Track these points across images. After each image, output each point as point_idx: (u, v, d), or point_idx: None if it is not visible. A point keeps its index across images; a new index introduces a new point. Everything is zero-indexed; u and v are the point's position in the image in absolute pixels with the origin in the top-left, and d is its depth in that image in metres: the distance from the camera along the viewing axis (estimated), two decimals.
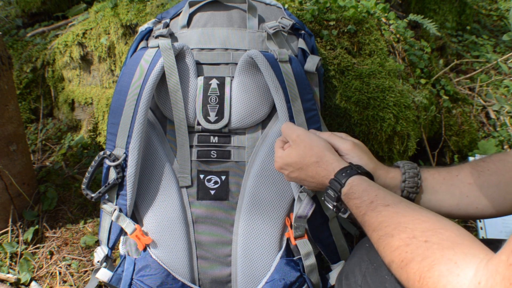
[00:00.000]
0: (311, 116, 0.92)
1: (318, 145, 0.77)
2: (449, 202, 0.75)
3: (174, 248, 0.92)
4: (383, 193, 0.66)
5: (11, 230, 1.28)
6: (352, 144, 0.78)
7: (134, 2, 1.45)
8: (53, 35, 1.81)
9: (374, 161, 0.78)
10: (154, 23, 1.03)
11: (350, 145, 0.78)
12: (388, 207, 0.62)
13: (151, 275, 0.90)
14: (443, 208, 0.75)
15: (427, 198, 0.76)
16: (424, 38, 1.64)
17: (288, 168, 0.81)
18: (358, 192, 0.67)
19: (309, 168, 0.77)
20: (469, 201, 0.74)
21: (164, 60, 0.90)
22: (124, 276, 0.90)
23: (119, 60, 1.47)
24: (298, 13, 1.27)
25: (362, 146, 0.80)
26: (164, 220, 0.92)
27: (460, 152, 1.47)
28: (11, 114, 1.23)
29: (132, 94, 0.90)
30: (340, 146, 0.78)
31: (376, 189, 0.67)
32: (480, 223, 1.23)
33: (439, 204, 0.75)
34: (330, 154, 0.76)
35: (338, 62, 1.20)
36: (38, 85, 1.75)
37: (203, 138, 0.94)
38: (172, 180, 0.94)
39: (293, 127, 0.83)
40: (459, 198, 0.74)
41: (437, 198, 0.75)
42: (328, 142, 0.79)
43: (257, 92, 0.93)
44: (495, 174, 0.73)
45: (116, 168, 0.91)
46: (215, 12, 0.98)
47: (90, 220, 1.36)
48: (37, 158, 1.61)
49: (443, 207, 0.75)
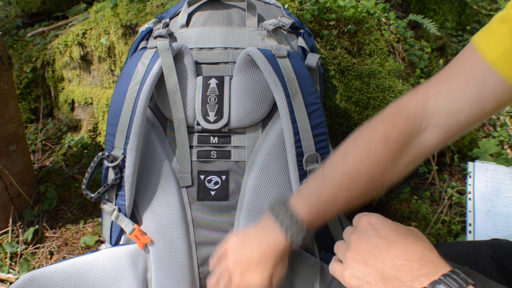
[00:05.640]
0: (314, 110, 0.91)
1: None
2: None
3: (174, 248, 0.92)
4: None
5: (11, 230, 1.28)
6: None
7: (134, 2, 1.45)
8: (53, 35, 1.81)
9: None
10: (154, 23, 1.03)
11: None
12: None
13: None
14: None
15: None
16: (424, 38, 1.64)
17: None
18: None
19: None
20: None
21: (162, 61, 0.90)
22: None
23: (119, 60, 1.47)
24: (298, 13, 1.27)
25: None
26: (164, 220, 0.92)
27: (460, 152, 1.47)
28: (11, 114, 1.23)
29: (130, 95, 0.90)
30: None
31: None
32: (470, 227, 1.22)
33: None
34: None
35: (338, 62, 1.20)
36: (38, 85, 1.75)
37: (203, 138, 0.94)
38: (172, 180, 0.94)
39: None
40: None
41: None
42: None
43: (256, 90, 0.93)
44: None
45: (115, 168, 0.91)
46: (214, 11, 0.98)
47: (90, 220, 1.36)
48: (37, 158, 1.61)
49: None
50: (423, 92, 0.66)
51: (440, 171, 1.44)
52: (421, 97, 0.65)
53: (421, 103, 0.65)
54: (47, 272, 0.89)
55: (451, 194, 1.34)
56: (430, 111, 0.64)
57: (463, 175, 1.42)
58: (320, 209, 0.69)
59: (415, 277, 0.47)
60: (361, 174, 0.66)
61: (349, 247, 0.56)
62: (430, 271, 0.47)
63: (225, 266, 0.73)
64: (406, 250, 0.50)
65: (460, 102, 0.61)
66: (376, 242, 0.52)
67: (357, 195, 0.69)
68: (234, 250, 0.73)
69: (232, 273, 0.72)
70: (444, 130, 0.64)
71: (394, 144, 0.65)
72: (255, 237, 0.73)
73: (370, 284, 0.50)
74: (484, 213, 1.24)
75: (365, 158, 0.66)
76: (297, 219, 0.68)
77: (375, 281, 0.50)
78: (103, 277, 0.90)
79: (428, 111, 0.64)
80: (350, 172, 0.67)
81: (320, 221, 0.71)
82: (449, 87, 0.62)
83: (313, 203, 0.69)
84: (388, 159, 0.65)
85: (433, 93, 0.64)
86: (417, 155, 0.67)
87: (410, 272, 0.47)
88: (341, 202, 0.69)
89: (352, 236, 0.56)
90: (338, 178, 0.68)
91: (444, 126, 0.64)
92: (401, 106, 0.67)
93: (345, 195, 0.68)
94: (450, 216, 1.29)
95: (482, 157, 1.43)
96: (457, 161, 1.44)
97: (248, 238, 0.73)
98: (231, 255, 0.73)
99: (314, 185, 0.71)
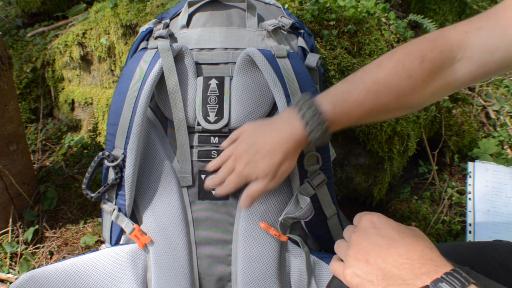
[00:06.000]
0: None
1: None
2: None
3: (174, 248, 0.92)
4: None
5: (11, 230, 1.29)
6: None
7: (134, 2, 1.45)
8: (53, 35, 1.81)
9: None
10: (155, 24, 1.03)
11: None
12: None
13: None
14: None
15: None
16: None
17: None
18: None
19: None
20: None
21: (163, 61, 0.90)
22: None
23: (119, 60, 1.47)
24: (298, 13, 1.27)
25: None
26: (164, 220, 0.92)
27: (460, 152, 1.48)
28: (11, 114, 1.23)
29: (130, 95, 0.90)
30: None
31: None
32: (470, 227, 1.22)
33: None
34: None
35: (338, 62, 1.20)
36: (38, 85, 1.75)
37: (203, 138, 0.94)
38: (172, 180, 0.94)
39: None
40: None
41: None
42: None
43: (256, 91, 0.93)
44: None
45: (115, 168, 0.91)
46: (214, 12, 0.98)
47: (90, 220, 1.36)
48: (37, 158, 1.61)
49: None
50: (466, 25, 0.67)
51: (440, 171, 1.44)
52: (464, 29, 0.66)
53: (461, 35, 0.66)
54: (47, 271, 0.89)
55: (451, 194, 1.34)
56: (468, 43, 0.65)
57: (463, 175, 1.42)
58: (344, 109, 0.69)
59: (416, 275, 0.47)
60: (391, 84, 0.67)
61: (350, 245, 0.55)
62: (431, 269, 0.47)
63: (231, 150, 0.72)
64: (408, 249, 0.50)
65: (498, 40, 0.62)
66: (378, 241, 0.52)
67: (382, 105, 0.69)
68: (246, 136, 0.73)
69: (238, 159, 0.72)
70: (477, 66, 0.65)
71: (428, 64, 0.66)
72: (272, 126, 0.72)
73: (372, 282, 0.50)
74: (484, 213, 1.24)
75: (398, 70, 0.67)
76: (320, 114, 0.68)
77: (377, 279, 0.50)
78: (103, 277, 0.90)
79: (466, 43, 0.65)
80: (381, 80, 0.68)
81: (341, 123, 0.71)
82: (492, 24, 0.63)
83: (339, 102, 0.69)
84: (419, 77, 0.67)
85: (475, 27, 0.65)
86: (446, 84, 0.68)
87: (412, 270, 0.47)
88: (366, 108, 0.69)
89: (353, 235, 0.56)
90: (368, 82, 0.69)
91: (477, 61, 0.65)
92: (442, 33, 0.68)
93: (371, 101, 0.69)
94: (450, 216, 1.29)
95: (482, 157, 1.43)
96: (457, 161, 1.44)
97: (264, 126, 0.73)
98: (242, 140, 0.73)
99: (343, 86, 0.71)
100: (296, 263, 0.93)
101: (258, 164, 0.72)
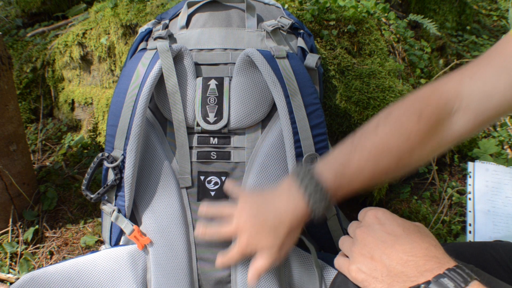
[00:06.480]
0: (313, 111, 0.91)
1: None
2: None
3: (173, 249, 0.92)
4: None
5: (11, 230, 1.29)
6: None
7: (134, 2, 1.45)
8: (53, 35, 1.81)
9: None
10: (154, 24, 1.03)
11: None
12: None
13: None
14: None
15: None
16: (424, 38, 1.64)
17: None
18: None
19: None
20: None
21: (162, 62, 0.90)
22: None
23: (119, 60, 1.47)
24: (298, 13, 1.27)
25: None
26: (163, 221, 0.92)
27: (460, 152, 1.47)
28: (11, 114, 1.23)
29: (130, 96, 0.90)
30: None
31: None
32: (470, 227, 1.22)
33: None
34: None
35: (338, 62, 1.20)
36: (38, 85, 1.75)
37: (202, 139, 0.94)
38: (171, 180, 0.94)
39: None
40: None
41: None
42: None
43: (255, 91, 0.93)
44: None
45: (114, 169, 0.91)
46: (213, 12, 0.98)
47: (90, 220, 1.36)
48: (37, 158, 1.61)
49: None
50: (458, 74, 0.66)
51: (440, 171, 1.44)
52: (457, 79, 0.66)
53: (455, 85, 0.65)
54: (47, 272, 0.89)
55: (451, 194, 1.34)
56: (464, 93, 0.64)
57: (463, 175, 1.42)
58: (345, 179, 0.68)
59: (420, 272, 0.47)
60: (391, 147, 0.66)
61: (355, 241, 0.56)
62: (435, 266, 0.47)
63: (235, 224, 0.71)
64: (412, 246, 0.50)
65: (493, 86, 0.62)
66: (383, 237, 0.53)
67: (383, 169, 0.68)
68: (247, 209, 0.71)
69: (241, 232, 0.70)
70: (475, 115, 0.64)
71: (426, 121, 0.65)
72: (273, 199, 0.71)
73: (377, 279, 0.50)
74: (484, 213, 1.24)
75: (396, 132, 0.66)
76: (322, 187, 0.66)
77: (381, 276, 0.50)
78: (102, 278, 0.91)
79: (462, 93, 0.64)
80: (379, 144, 0.67)
81: (343, 192, 0.69)
82: (485, 71, 0.63)
83: (339, 172, 0.68)
84: (418, 136, 0.65)
85: (468, 75, 0.64)
86: (446, 138, 0.67)
87: (416, 267, 0.48)
88: (367, 174, 0.68)
89: (358, 231, 0.56)
90: (367, 149, 0.67)
91: (475, 110, 0.64)
92: (436, 87, 0.67)
93: (371, 167, 0.67)
94: (450, 216, 1.29)
95: (482, 157, 1.42)
96: (457, 161, 1.44)
97: (265, 199, 0.71)
98: (243, 213, 0.71)
99: (342, 154, 0.70)
100: (296, 264, 0.93)
101: (261, 242, 0.70)
